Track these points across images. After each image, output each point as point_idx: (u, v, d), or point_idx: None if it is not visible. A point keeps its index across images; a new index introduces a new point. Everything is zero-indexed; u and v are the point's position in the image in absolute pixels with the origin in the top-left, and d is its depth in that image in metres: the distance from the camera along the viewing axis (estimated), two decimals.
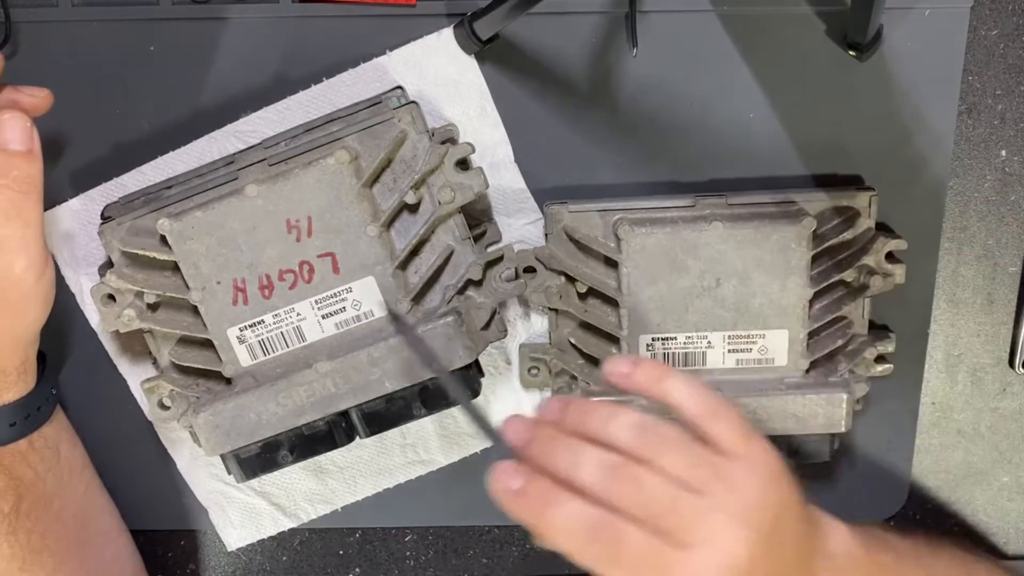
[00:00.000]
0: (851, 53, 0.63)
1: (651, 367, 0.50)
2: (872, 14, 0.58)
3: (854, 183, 0.66)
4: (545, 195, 0.66)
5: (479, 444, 0.71)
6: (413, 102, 0.60)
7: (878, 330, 0.68)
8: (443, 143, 0.60)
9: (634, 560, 0.46)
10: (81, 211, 0.65)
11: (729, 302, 0.64)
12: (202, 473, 0.71)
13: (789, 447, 0.65)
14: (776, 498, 0.49)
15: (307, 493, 0.72)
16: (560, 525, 0.47)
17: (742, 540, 0.47)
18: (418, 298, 0.62)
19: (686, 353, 0.65)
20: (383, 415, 0.62)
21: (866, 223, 0.64)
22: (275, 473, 0.65)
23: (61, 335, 0.68)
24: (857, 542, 0.55)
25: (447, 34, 0.63)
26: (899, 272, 0.64)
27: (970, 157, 0.67)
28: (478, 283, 0.63)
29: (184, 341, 0.64)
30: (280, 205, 0.59)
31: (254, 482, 0.70)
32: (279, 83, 0.64)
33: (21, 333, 0.58)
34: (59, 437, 0.64)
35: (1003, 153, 0.67)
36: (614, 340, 0.66)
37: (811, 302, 0.64)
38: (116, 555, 0.69)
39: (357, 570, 0.75)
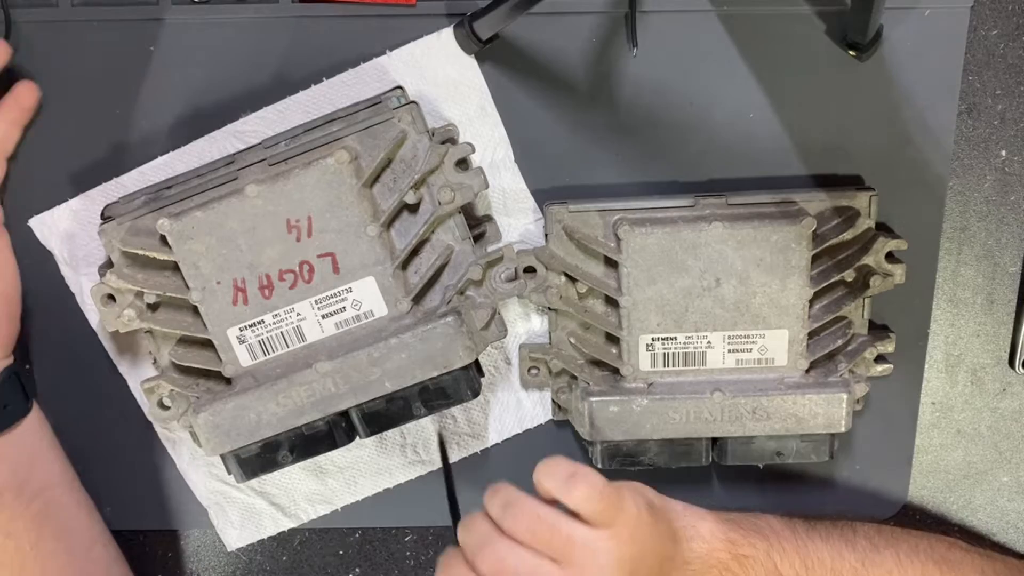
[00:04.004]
0: (851, 53, 0.63)
1: (547, 478, 0.55)
2: (872, 14, 0.58)
3: (854, 183, 0.66)
4: (545, 195, 0.66)
5: (479, 444, 0.71)
6: (413, 102, 0.60)
7: (878, 330, 0.68)
8: (443, 143, 0.60)
9: None
10: (81, 211, 0.65)
11: (729, 302, 0.64)
12: (202, 473, 0.71)
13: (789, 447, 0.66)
14: (632, 553, 0.55)
15: (307, 493, 0.72)
16: None
17: None
18: (418, 298, 0.62)
19: (686, 353, 0.65)
20: (383, 415, 0.62)
21: (866, 223, 0.64)
22: (275, 473, 0.65)
23: (61, 335, 0.68)
24: (722, 539, 0.59)
25: (447, 34, 0.63)
26: (899, 272, 0.65)
27: (970, 157, 0.67)
28: (478, 283, 0.63)
29: (184, 341, 0.64)
30: (280, 205, 0.59)
31: (254, 482, 0.70)
32: (279, 83, 0.64)
33: None
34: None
35: (1003, 153, 0.67)
36: (614, 340, 0.66)
37: (811, 302, 0.64)
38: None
39: (357, 570, 0.76)
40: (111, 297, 0.62)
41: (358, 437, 0.63)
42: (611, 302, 0.65)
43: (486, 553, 0.54)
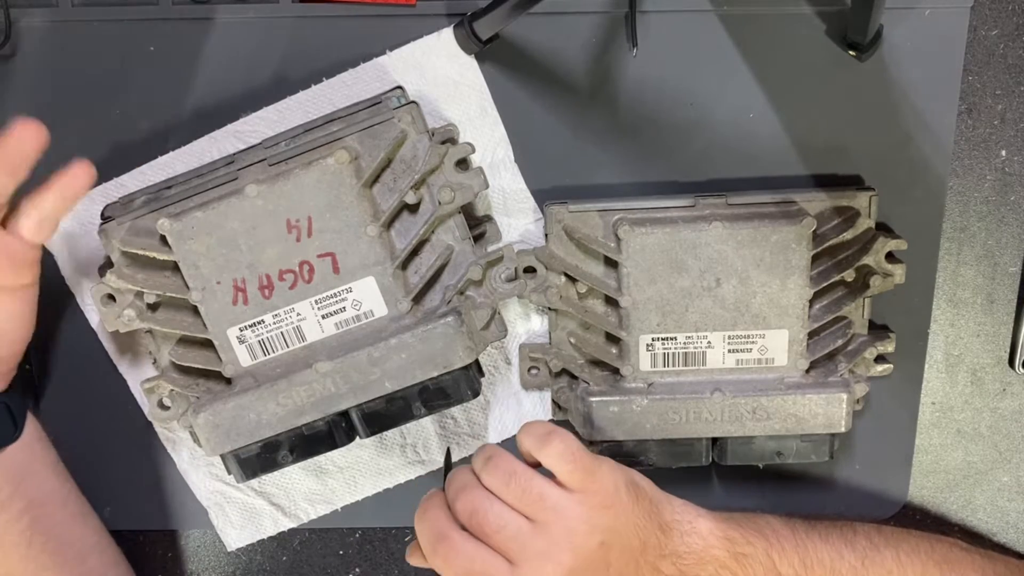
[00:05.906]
0: (851, 53, 0.63)
1: (526, 436, 0.58)
2: (872, 14, 0.58)
3: (854, 183, 0.66)
4: (545, 195, 0.66)
5: (479, 444, 0.71)
6: (413, 102, 0.60)
7: (878, 330, 0.68)
8: (443, 143, 0.60)
9: (464, 570, 0.54)
10: (81, 211, 0.65)
11: (729, 302, 0.64)
12: (202, 473, 0.71)
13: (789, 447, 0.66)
14: (605, 524, 0.56)
15: (307, 493, 0.72)
16: (418, 531, 0.57)
17: (558, 563, 0.55)
18: (418, 298, 0.62)
19: (686, 353, 0.65)
20: (383, 415, 0.62)
21: (866, 223, 0.64)
22: (275, 473, 0.65)
23: (61, 335, 0.68)
24: (720, 537, 0.59)
25: (447, 34, 0.63)
26: (899, 272, 0.65)
27: (970, 157, 0.67)
28: (478, 283, 0.63)
29: (184, 341, 0.64)
30: (280, 205, 0.59)
31: (254, 482, 0.70)
32: (279, 83, 0.64)
33: None
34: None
35: (1003, 153, 0.67)
36: (614, 340, 0.66)
37: (811, 302, 0.64)
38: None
39: (357, 570, 0.76)
40: (111, 297, 0.62)
41: (358, 437, 0.63)
42: (611, 302, 0.65)
43: (462, 497, 0.56)
